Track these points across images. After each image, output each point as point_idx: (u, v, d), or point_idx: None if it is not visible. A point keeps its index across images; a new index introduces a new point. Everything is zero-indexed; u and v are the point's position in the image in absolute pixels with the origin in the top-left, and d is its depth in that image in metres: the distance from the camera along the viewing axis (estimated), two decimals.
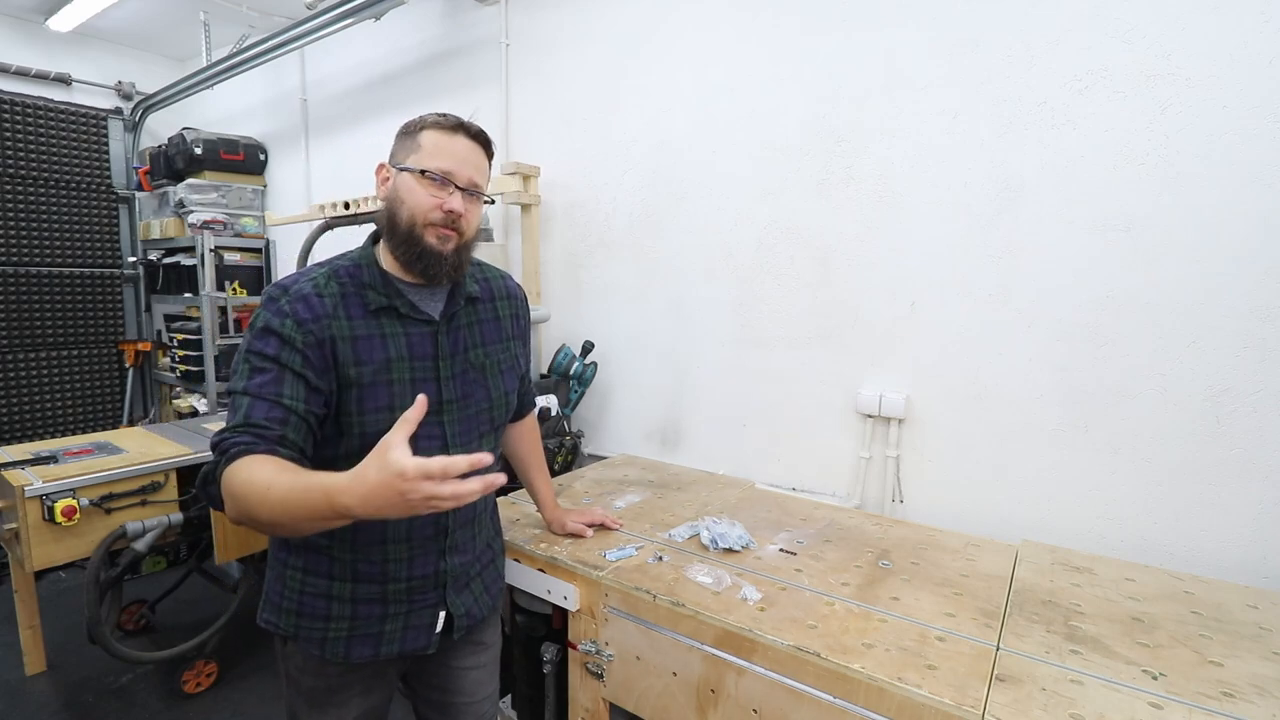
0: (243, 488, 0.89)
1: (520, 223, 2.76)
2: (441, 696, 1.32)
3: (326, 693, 1.18)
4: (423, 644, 1.18)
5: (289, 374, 1.00)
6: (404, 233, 1.09)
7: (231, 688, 2.39)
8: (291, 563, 1.15)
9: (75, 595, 2.88)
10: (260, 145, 4.31)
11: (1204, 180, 1.49)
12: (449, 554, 1.19)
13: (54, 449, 2.38)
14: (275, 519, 0.88)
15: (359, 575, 1.13)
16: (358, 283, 1.11)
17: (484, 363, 1.22)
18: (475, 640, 1.31)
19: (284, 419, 0.98)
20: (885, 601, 1.28)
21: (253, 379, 1.00)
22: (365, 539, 1.12)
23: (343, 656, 1.14)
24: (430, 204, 1.08)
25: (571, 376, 2.52)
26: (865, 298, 1.99)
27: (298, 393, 1.00)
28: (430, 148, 1.09)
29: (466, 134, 1.12)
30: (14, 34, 4.24)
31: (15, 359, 4.19)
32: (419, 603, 1.17)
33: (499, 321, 1.27)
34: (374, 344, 1.08)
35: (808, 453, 2.14)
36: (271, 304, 1.05)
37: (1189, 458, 1.55)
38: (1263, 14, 1.41)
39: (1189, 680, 1.04)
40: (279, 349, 1.01)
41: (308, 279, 1.09)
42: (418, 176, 1.08)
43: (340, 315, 1.06)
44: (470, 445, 1.17)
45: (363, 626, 1.14)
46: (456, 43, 3.06)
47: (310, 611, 1.14)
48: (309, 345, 1.02)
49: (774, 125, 2.13)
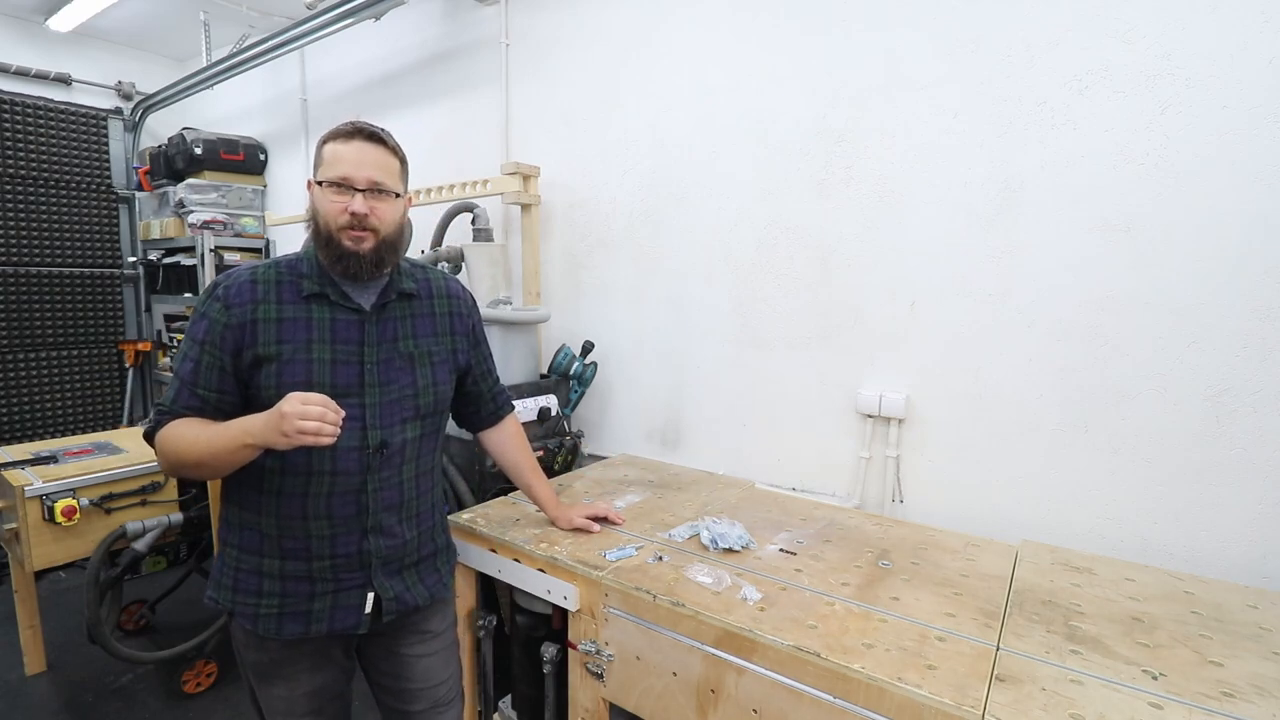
0: (171, 443, 1.13)
1: (520, 223, 2.76)
2: (393, 682, 1.38)
3: (271, 666, 1.25)
4: (352, 623, 1.24)
5: (207, 360, 1.16)
6: (323, 239, 1.20)
7: (231, 688, 2.39)
8: (230, 540, 1.25)
9: (75, 595, 2.88)
10: (260, 145, 4.31)
11: (1204, 180, 1.49)
12: (372, 535, 1.24)
13: (54, 449, 2.38)
14: (200, 457, 1.10)
15: (285, 552, 1.21)
16: (295, 272, 1.22)
17: (413, 353, 1.29)
18: (420, 629, 1.37)
19: (200, 408, 1.16)
20: (885, 601, 1.28)
21: (184, 365, 1.17)
22: (287, 512, 1.20)
23: (274, 633, 1.21)
24: (336, 209, 1.17)
25: (571, 376, 2.52)
26: (865, 298, 1.99)
27: (211, 382, 1.16)
28: (330, 158, 1.19)
29: (362, 137, 1.20)
30: (14, 34, 4.24)
31: (15, 359, 4.19)
32: (345, 582, 1.23)
33: (435, 317, 1.35)
34: (298, 325, 1.19)
35: (808, 453, 2.14)
36: (212, 289, 1.19)
37: (1189, 458, 1.55)
38: (1263, 14, 1.41)
39: (1189, 680, 1.04)
40: (205, 333, 1.16)
41: (250, 267, 1.22)
42: (322, 188, 1.19)
43: (270, 299, 1.19)
44: (391, 428, 1.25)
45: (292, 604, 1.21)
46: (456, 43, 3.06)
47: (244, 587, 1.22)
48: (229, 326, 1.16)
49: (774, 125, 2.13)
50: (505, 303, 2.53)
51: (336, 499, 1.20)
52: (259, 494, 1.20)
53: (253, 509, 1.21)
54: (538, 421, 2.30)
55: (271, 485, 1.19)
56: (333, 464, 1.19)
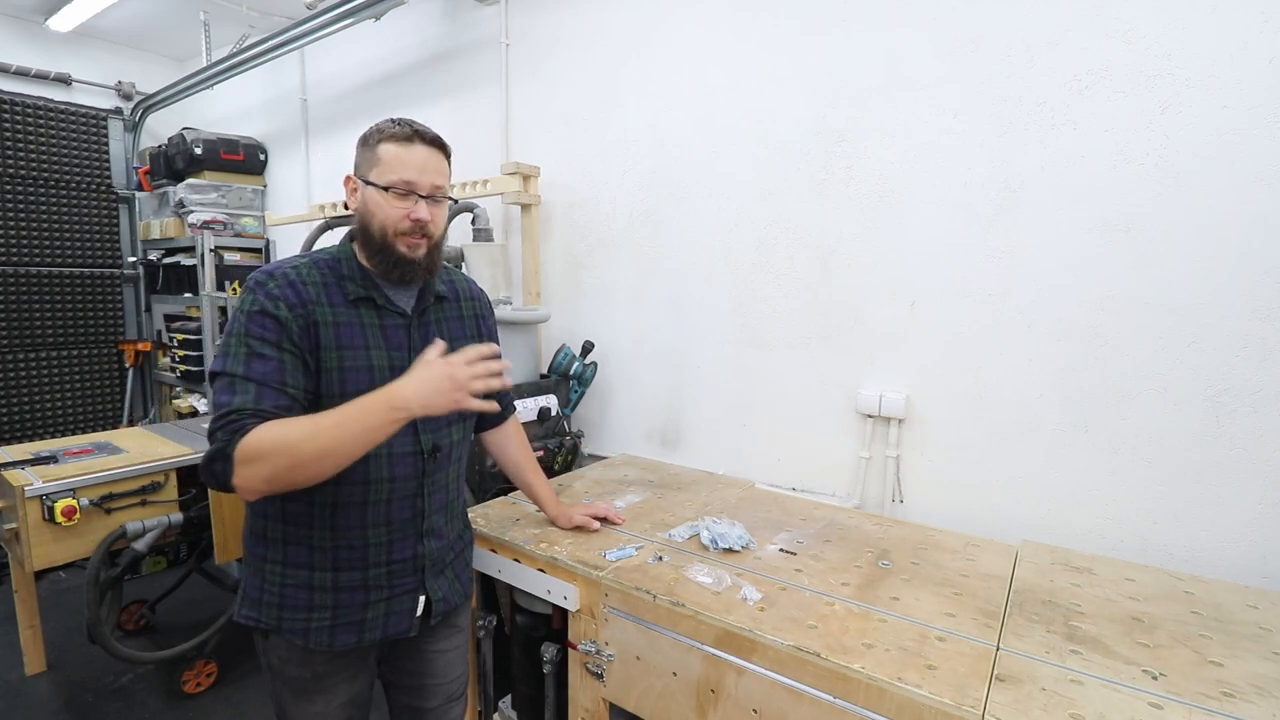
0: (280, 439, 0.97)
1: (520, 223, 2.76)
2: (414, 680, 1.37)
3: (313, 680, 1.22)
4: (404, 628, 1.24)
5: (290, 359, 1.07)
6: (378, 244, 1.16)
7: (231, 688, 2.39)
8: (270, 557, 1.19)
9: (75, 595, 2.88)
10: (260, 145, 4.31)
11: (1204, 180, 1.49)
12: (426, 538, 1.25)
13: (54, 449, 2.38)
14: (325, 447, 0.97)
15: (340, 563, 1.17)
16: (337, 274, 1.17)
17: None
18: (450, 624, 1.38)
19: (290, 407, 1.05)
20: (885, 601, 1.28)
21: (253, 365, 1.04)
22: (345, 523, 1.16)
23: (327, 645, 1.18)
24: (398, 216, 1.14)
25: (571, 376, 2.52)
26: (865, 298, 1.99)
27: (298, 380, 1.07)
28: (390, 160, 1.14)
29: (422, 141, 1.17)
30: (14, 34, 4.24)
31: (15, 359, 4.19)
32: (399, 587, 1.22)
33: (463, 320, 1.36)
34: (354, 329, 1.15)
35: (808, 453, 2.14)
36: (260, 288, 1.09)
37: (1189, 458, 1.55)
38: (1263, 14, 1.41)
39: (1189, 680, 1.04)
40: (279, 333, 1.07)
41: (291, 267, 1.15)
42: (383, 192, 1.14)
43: (323, 301, 1.13)
44: (438, 431, 1.24)
45: (345, 614, 1.18)
46: (456, 43, 3.05)
47: (293, 603, 1.17)
48: (300, 325, 1.09)
49: (774, 125, 2.13)
50: (505, 303, 2.52)
51: (395, 505, 1.19)
52: (310, 507, 1.15)
53: (302, 523, 1.16)
54: (538, 421, 2.30)
55: (325, 498, 1.14)
56: (390, 471, 1.17)
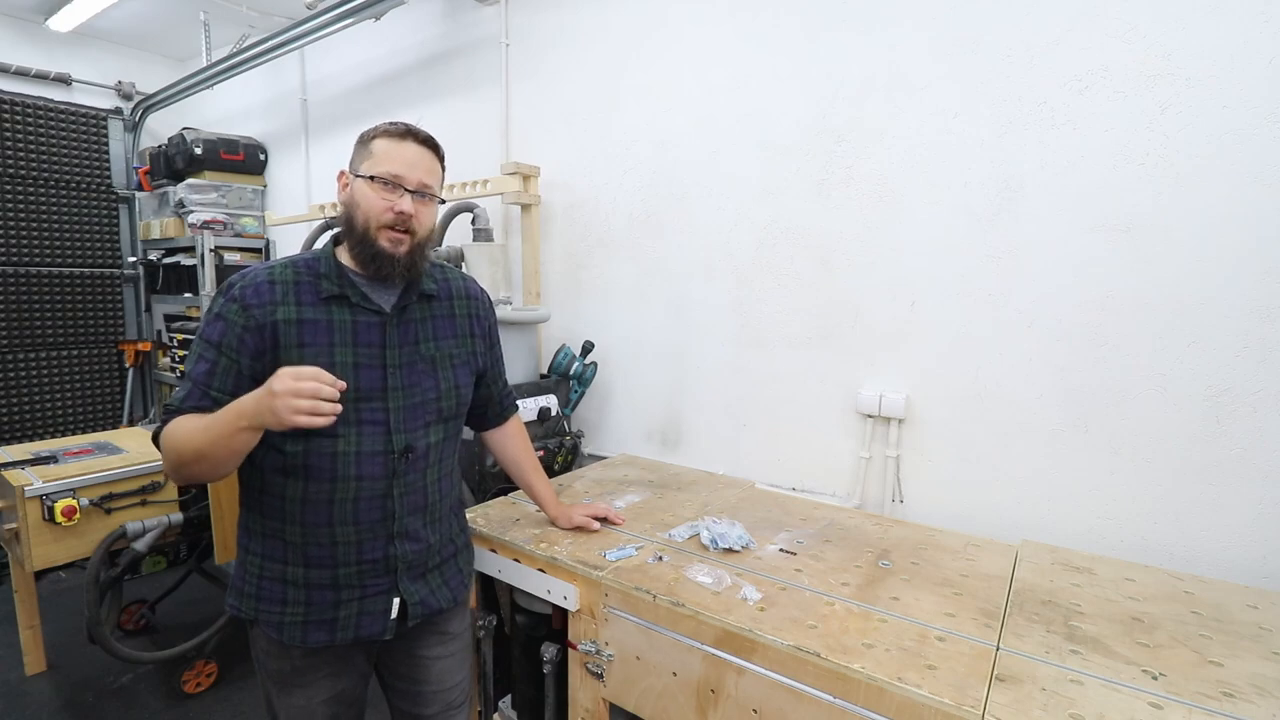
0: (171, 437, 1.08)
1: (520, 223, 2.76)
2: (409, 685, 1.37)
3: (292, 674, 1.23)
4: (378, 630, 1.23)
5: (224, 363, 1.12)
6: (359, 234, 1.17)
7: (231, 688, 2.39)
8: (252, 548, 1.23)
9: (75, 595, 2.88)
10: (260, 145, 4.31)
11: (1204, 180, 1.49)
12: (398, 540, 1.23)
13: (54, 449, 2.38)
14: (199, 447, 1.04)
15: (310, 560, 1.19)
16: (314, 273, 1.19)
17: (435, 355, 1.28)
18: (440, 630, 1.36)
19: (210, 409, 1.10)
20: (885, 601, 1.28)
21: (197, 365, 1.12)
22: (313, 519, 1.17)
23: (299, 641, 1.19)
24: (382, 207, 1.15)
25: (571, 376, 2.52)
26: (865, 298, 1.99)
27: (224, 384, 1.12)
28: (381, 154, 1.16)
29: (415, 139, 1.19)
30: (14, 34, 4.24)
31: (15, 359, 4.19)
32: (372, 588, 1.22)
33: (455, 319, 1.34)
34: (319, 327, 1.16)
35: (808, 453, 2.14)
36: (226, 290, 1.15)
37: (1189, 458, 1.55)
38: (1263, 14, 1.41)
39: (1189, 680, 1.04)
40: (222, 334, 1.12)
41: (266, 268, 1.18)
42: (369, 182, 1.16)
43: (289, 301, 1.15)
44: (414, 432, 1.23)
45: (317, 612, 1.19)
46: (456, 43, 3.06)
47: (268, 596, 1.20)
48: (248, 329, 1.12)
49: (774, 125, 2.13)
50: (505, 303, 2.52)
51: (363, 505, 1.19)
52: (282, 501, 1.17)
53: (276, 517, 1.18)
54: (538, 421, 2.30)
55: (295, 493, 1.16)
56: (358, 469, 1.17)
